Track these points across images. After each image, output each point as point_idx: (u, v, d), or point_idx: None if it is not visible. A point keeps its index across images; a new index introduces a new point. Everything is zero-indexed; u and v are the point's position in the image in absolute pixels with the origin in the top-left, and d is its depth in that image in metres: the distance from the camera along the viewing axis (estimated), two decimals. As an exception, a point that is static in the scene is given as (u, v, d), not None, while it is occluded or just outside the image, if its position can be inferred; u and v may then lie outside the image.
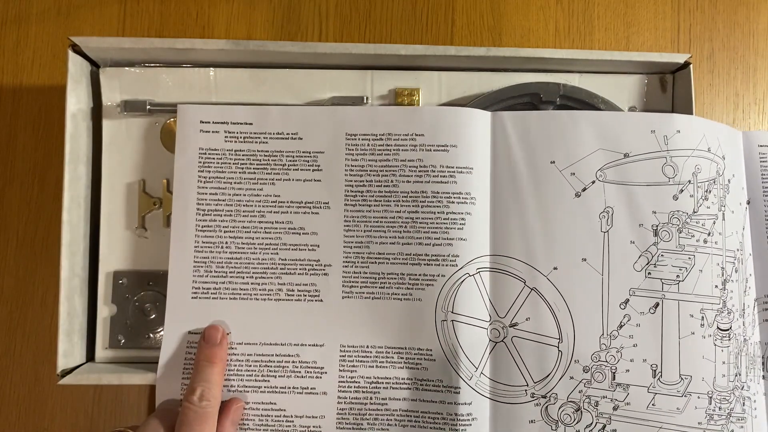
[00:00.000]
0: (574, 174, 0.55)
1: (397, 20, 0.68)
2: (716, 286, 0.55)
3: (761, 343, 0.59)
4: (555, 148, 0.55)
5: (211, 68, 0.60)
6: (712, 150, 0.56)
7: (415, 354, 0.54)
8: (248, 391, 0.54)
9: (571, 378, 0.54)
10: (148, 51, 0.58)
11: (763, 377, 0.59)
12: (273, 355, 0.54)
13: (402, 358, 0.54)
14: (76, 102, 0.57)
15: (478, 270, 0.54)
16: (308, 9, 0.68)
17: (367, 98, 0.61)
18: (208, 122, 0.56)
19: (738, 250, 0.57)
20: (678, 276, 0.54)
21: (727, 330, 0.55)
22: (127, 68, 0.60)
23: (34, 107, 0.66)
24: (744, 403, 0.56)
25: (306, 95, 0.61)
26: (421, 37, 0.69)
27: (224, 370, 0.53)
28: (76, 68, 0.57)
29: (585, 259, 0.54)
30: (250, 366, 0.54)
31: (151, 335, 0.59)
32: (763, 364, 0.59)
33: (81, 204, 0.57)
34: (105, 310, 0.59)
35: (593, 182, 0.55)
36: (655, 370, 0.54)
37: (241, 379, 0.54)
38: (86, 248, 0.58)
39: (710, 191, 0.56)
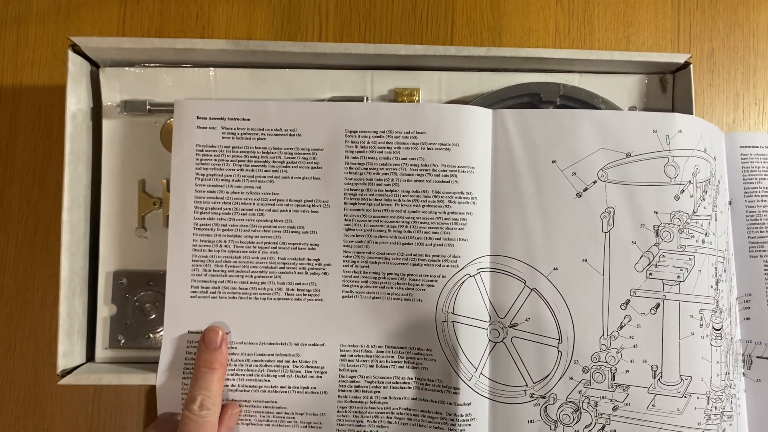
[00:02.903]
0: (575, 174, 0.55)
1: (397, 20, 0.68)
2: (711, 286, 0.55)
3: (742, 341, 0.60)
4: (556, 148, 0.55)
5: (211, 68, 0.60)
6: (708, 150, 0.56)
7: (415, 354, 0.54)
8: (248, 391, 0.54)
9: (571, 378, 0.54)
10: (148, 51, 0.58)
11: (743, 374, 0.59)
12: (273, 354, 0.54)
13: (402, 357, 0.54)
14: (76, 102, 0.57)
15: (478, 270, 0.54)
16: (308, 9, 0.68)
17: (367, 98, 0.61)
18: (205, 118, 0.55)
19: (725, 249, 0.58)
20: (679, 276, 0.54)
21: (720, 329, 0.55)
22: (127, 68, 0.60)
23: (34, 107, 0.65)
24: (731, 401, 0.56)
25: (306, 95, 0.61)
26: (421, 37, 0.69)
27: (224, 375, 0.53)
28: (76, 68, 0.57)
29: (586, 260, 0.54)
30: (251, 366, 0.54)
31: (151, 335, 0.59)
32: (743, 361, 0.59)
33: (81, 204, 0.57)
34: (105, 310, 0.59)
35: (595, 182, 0.55)
36: (655, 371, 0.54)
37: (242, 379, 0.54)
38: (86, 248, 0.58)
39: (706, 191, 0.56)
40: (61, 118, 0.56)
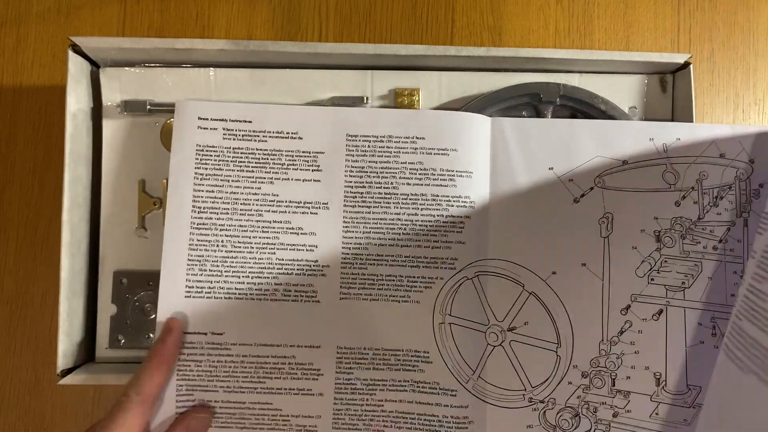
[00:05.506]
0: (572, 180, 0.55)
1: (397, 20, 0.68)
2: (732, 295, 0.54)
3: None
4: (553, 155, 0.55)
5: (211, 68, 0.60)
6: (728, 155, 0.55)
7: (412, 356, 0.54)
8: (244, 392, 0.54)
9: (570, 383, 0.54)
10: (148, 51, 0.57)
11: None
12: (269, 356, 0.54)
13: (399, 360, 0.54)
14: (76, 102, 0.57)
15: (476, 273, 0.54)
16: (308, 9, 0.68)
17: (367, 98, 0.61)
18: (206, 119, 0.55)
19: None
20: (684, 282, 0.54)
21: None
22: (127, 68, 0.60)
23: (34, 107, 0.66)
24: None
25: (306, 95, 0.61)
26: (421, 37, 0.69)
27: (162, 366, 0.51)
28: (76, 68, 0.57)
29: (584, 264, 0.54)
30: (246, 367, 0.54)
31: (151, 335, 0.59)
32: None
33: (81, 204, 0.57)
34: (105, 310, 0.59)
35: (591, 188, 0.55)
36: (658, 379, 0.54)
37: (237, 380, 0.54)
38: (86, 248, 0.58)
39: (723, 197, 0.55)
40: (61, 118, 0.56)
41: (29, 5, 0.66)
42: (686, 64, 0.61)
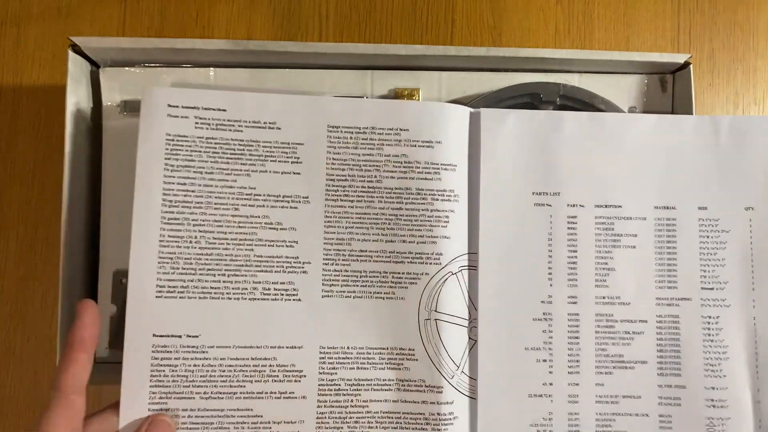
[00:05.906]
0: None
1: (397, 20, 0.68)
2: None
3: None
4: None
5: (211, 68, 0.60)
6: None
7: (397, 354, 0.53)
8: (222, 398, 0.51)
9: None
10: (148, 51, 0.57)
11: None
12: (248, 359, 0.52)
13: (383, 358, 0.53)
14: (76, 102, 0.57)
15: (460, 268, 0.54)
16: (308, 9, 0.68)
17: (366, 98, 0.61)
18: (177, 106, 0.53)
19: None
20: None
21: None
22: (127, 68, 0.60)
23: (34, 107, 0.66)
24: None
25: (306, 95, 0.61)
26: (421, 37, 0.69)
27: (74, 355, 0.47)
28: (76, 68, 0.57)
29: None
30: (224, 371, 0.51)
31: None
32: None
33: (81, 204, 0.57)
34: (105, 310, 0.59)
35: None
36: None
37: (215, 386, 0.51)
38: (86, 248, 0.58)
39: None
40: (61, 118, 0.56)
41: (29, 5, 0.67)
42: (686, 64, 0.61)
